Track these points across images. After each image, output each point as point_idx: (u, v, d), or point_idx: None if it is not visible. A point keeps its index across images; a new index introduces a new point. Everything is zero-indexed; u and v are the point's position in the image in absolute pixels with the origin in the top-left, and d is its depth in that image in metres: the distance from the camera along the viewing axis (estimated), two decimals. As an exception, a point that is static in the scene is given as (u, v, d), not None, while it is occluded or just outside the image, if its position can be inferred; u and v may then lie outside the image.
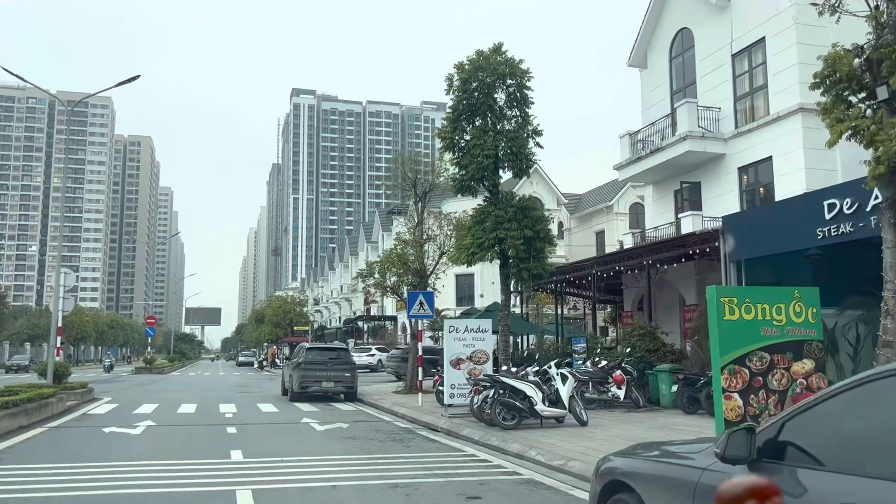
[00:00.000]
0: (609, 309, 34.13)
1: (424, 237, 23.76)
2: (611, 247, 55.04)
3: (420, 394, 18.74)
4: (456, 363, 15.58)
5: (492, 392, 13.13)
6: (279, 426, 15.38)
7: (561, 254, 48.16)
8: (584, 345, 21.99)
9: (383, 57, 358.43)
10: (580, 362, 19.84)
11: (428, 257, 23.67)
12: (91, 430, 14.30)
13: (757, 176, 22.86)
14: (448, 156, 16.55)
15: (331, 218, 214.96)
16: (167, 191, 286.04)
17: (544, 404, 13.04)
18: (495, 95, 16.01)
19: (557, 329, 27.21)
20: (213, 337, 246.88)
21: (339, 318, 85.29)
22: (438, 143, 16.33)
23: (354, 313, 76.04)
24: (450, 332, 15.58)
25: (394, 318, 61.32)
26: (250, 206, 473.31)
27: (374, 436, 13.46)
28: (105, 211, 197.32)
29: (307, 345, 23.49)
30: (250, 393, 27.31)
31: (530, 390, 13.02)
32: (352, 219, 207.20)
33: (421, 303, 18.61)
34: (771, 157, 21.91)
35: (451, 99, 16.41)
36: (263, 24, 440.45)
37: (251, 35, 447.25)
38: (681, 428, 12.87)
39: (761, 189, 22.57)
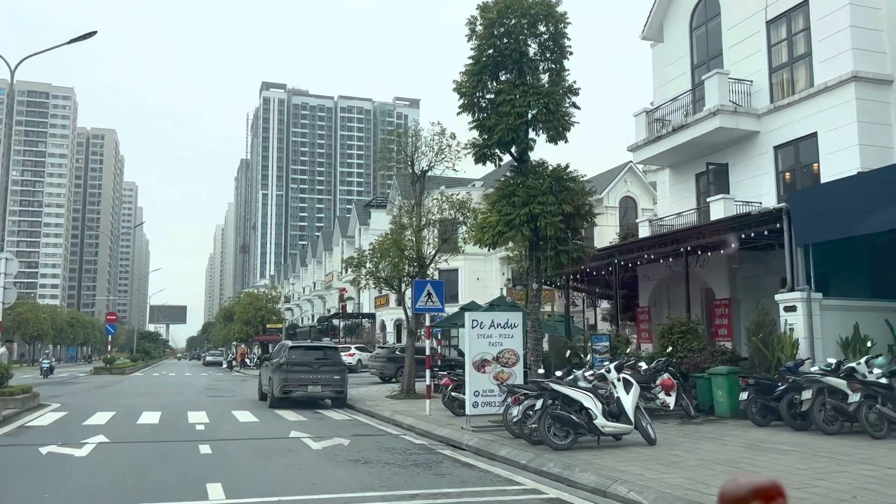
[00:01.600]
0: (607, 304, 31.64)
1: (423, 221, 20.95)
2: (600, 243, 52.74)
3: (428, 400, 15.93)
4: (480, 365, 12.81)
5: (538, 402, 10.36)
6: (264, 443, 12.46)
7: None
8: (607, 343, 19.36)
9: (355, 52, 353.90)
10: (606, 363, 17.19)
11: (428, 244, 20.90)
12: (23, 451, 11.24)
13: (797, 155, 20.43)
14: (467, 118, 13.73)
15: (301, 214, 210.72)
16: (132, 186, 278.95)
17: (606, 418, 10.34)
18: (527, 42, 13.24)
19: (567, 328, 24.57)
20: (179, 336, 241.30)
21: (312, 316, 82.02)
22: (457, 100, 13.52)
23: (328, 311, 72.89)
24: (473, 328, 12.81)
25: (371, 316, 58.36)
26: (218, 202, 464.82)
27: (389, 457, 10.64)
28: (66, 205, 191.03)
29: (290, 343, 20.55)
30: (222, 397, 24.26)
31: (588, 400, 10.30)
32: (322, 215, 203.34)
33: (429, 293, 15.84)
34: (816, 133, 19.49)
35: (472, 49, 13.59)
36: (232, 16, 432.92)
37: (219, 28, 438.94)
38: (778, 447, 10.24)
39: (804, 168, 20.17)
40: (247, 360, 63.21)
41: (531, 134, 13.54)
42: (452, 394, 15.30)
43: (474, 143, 13.97)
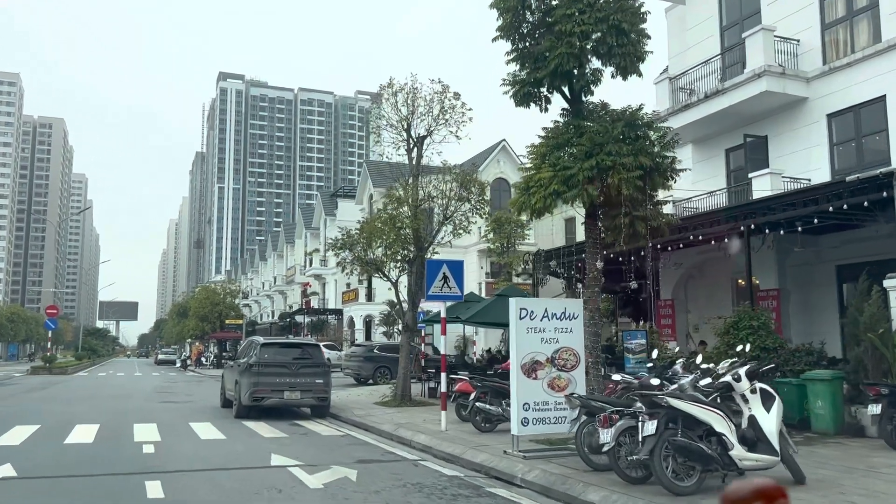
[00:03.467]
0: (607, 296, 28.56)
1: (422, 195, 17.60)
2: (581, 236, 49.88)
3: (443, 412, 12.56)
4: (530, 368, 9.54)
5: (649, 425, 7.10)
6: (239, 477, 8.97)
7: (531, 242, 42.57)
8: (643, 341, 16.30)
9: (316, 44, 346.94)
10: (646, 366, 14.12)
11: (432, 221, 17.58)
12: None
13: (858, 123, 17.63)
14: (506, 46, 10.44)
15: (258, 209, 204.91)
16: (81, 177, 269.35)
17: (742, 446, 7.18)
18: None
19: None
20: (130, 333, 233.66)
21: (272, 312, 77.80)
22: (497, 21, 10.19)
23: (290, 307, 68.88)
24: (521, 319, 9.53)
25: (339, 312, 54.67)
26: (172, 196, 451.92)
27: (423, 502, 7.33)
28: (10, 196, 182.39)
29: (261, 339, 17.00)
30: (177, 403, 20.58)
31: (720, 422, 7.11)
32: (281, 210, 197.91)
33: (445, 277, 12.51)
34: (884, 96, 16.69)
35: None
36: (188, 5, 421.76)
37: (174, 15, 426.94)
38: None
39: (866, 138, 17.37)
40: (202, 360, 58.92)
41: (595, 63, 10.29)
42: (478, 404, 12.01)
43: (515, 78, 10.68)
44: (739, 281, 20.53)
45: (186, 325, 60.96)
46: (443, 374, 12.47)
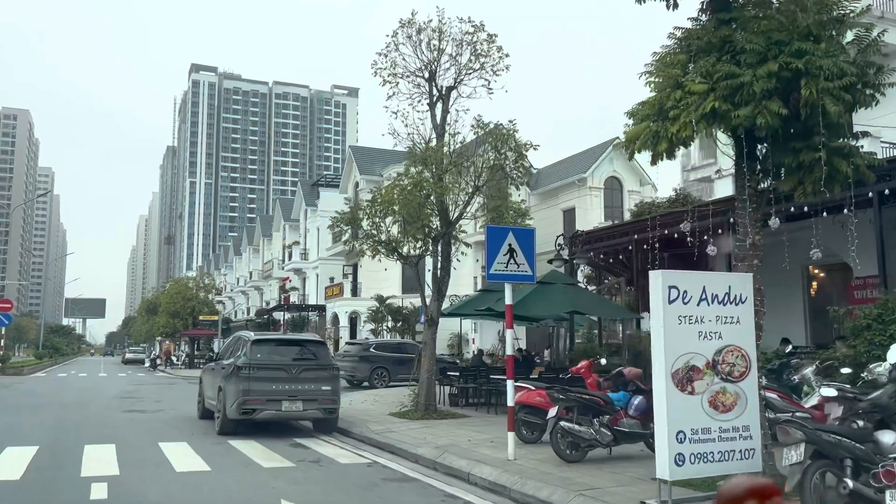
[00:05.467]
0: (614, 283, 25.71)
1: (448, 160, 14.23)
2: (582, 226, 46.84)
3: (511, 435, 9.17)
4: (685, 377, 6.27)
5: None
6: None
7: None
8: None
9: (291, 37, 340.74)
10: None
11: (458, 190, 14.21)
12: None
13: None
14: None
15: (231, 205, 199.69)
16: (48, 171, 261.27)
17: None
18: None
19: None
20: (98, 331, 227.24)
21: (248, 309, 73.80)
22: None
23: (267, 304, 64.93)
24: (671, 302, 6.25)
25: (321, 308, 51.02)
26: (141, 191, 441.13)
27: None
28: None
29: (252, 335, 13.49)
30: (144, 413, 16.98)
31: None
32: (255, 206, 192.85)
33: (511, 250, 9.18)
34: None
35: None
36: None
37: (142, 4, 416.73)
38: None
39: None
40: (173, 359, 54.99)
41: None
42: (563, 424, 8.69)
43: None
44: (813, 269, 17.54)
45: (156, 323, 56.92)
46: (509, 383, 9.11)
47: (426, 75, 14.95)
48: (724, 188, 21.15)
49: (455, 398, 16.95)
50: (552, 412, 8.90)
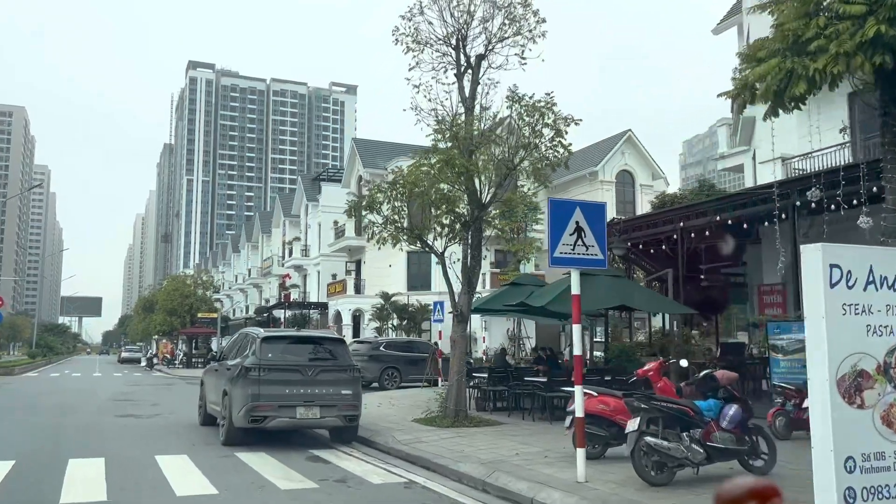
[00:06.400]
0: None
1: (480, 134, 12.68)
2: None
3: (581, 452, 7.59)
4: (853, 386, 4.74)
5: None
6: None
7: (539, 228, 37.89)
8: (801, 335, 11.56)
9: (288, 37, 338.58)
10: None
11: (493, 169, 12.65)
12: None
13: None
14: None
15: (229, 202, 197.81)
16: (44, 169, 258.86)
17: None
18: None
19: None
20: (94, 330, 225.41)
21: (246, 307, 72.14)
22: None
23: (266, 301, 63.27)
24: (833, 287, 4.72)
25: (323, 306, 49.44)
26: (138, 190, 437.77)
27: None
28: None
29: (262, 332, 11.92)
30: (139, 417, 15.41)
31: None
32: (252, 204, 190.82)
33: (579, 228, 7.64)
34: None
35: None
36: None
37: (143, 4, 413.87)
38: None
39: None
40: (169, 357, 53.36)
41: None
42: (649, 440, 7.14)
43: None
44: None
45: (153, 321, 55.27)
46: (577, 388, 7.56)
47: (453, 42, 13.39)
48: (764, 174, 19.62)
49: (481, 402, 15.42)
50: (632, 425, 7.35)
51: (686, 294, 15.90)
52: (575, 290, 7.68)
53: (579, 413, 7.51)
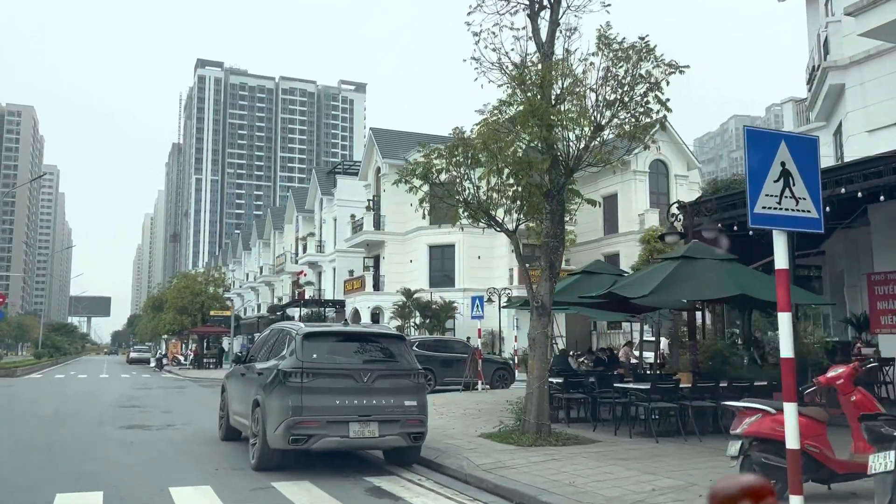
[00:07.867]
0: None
1: (568, 77, 10.29)
2: (626, 213, 42.74)
3: (799, 500, 5.24)
4: None
5: None
6: None
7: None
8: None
9: (298, 33, 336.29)
10: None
11: (585, 122, 10.26)
12: None
13: None
14: None
15: (238, 202, 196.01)
16: (53, 169, 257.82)
17: None
18: None
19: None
20: (103, 330, 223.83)
21: (258, 306, 69.91)
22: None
23: (280, 300, 60.97)
24: None
25: (340, 304, 47.09)
26: (147, 189, 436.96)
27: None
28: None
29: (304, 328, 9.42)
30: (148, 429, 13.05)
31: None
32: (261, 203, 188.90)
33: (786, 174, 5.22)
34: None
35: None
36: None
37: (144, 5, 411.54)
38: None
39: None
40: (180, 358, 51.16)
41: None
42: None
43: None
44: None
45: (163, 320, 53.04)
46: (788, 406, 5.14)
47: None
48: (852, 149, 17.14)
49: (554, 414, 13.03)
50: (880, 462, 4.92)
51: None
52: (780, 263, 5.25)
53: (792, 444, 5.08)
